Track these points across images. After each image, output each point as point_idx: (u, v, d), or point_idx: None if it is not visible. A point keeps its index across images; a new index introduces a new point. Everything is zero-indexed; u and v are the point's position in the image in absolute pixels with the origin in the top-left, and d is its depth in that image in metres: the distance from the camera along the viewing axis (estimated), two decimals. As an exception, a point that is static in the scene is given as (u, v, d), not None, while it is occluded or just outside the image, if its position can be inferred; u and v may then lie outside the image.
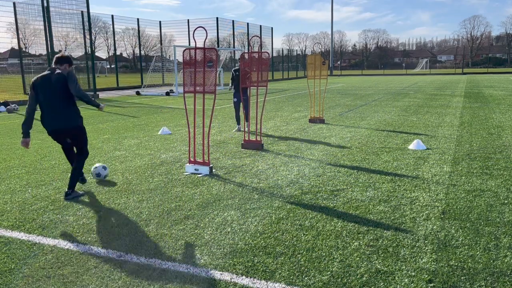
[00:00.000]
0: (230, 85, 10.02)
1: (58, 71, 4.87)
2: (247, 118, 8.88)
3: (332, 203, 4.63)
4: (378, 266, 3.20)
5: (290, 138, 8.71)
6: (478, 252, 3.41)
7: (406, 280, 3.01)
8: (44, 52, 20.20)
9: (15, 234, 3.91)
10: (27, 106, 4.93)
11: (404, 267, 3.19)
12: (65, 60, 4.94)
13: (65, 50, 28.62)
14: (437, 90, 23.15)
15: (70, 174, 5.00)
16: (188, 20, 34.13)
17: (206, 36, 5.88)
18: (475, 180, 5.45)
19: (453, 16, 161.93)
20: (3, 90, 22.11)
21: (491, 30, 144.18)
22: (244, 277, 3.08)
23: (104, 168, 5.64)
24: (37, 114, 5.05)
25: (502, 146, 7.57)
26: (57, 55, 4.98)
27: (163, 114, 13.54)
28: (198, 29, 6.01)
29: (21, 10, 21.14)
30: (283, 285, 2.97)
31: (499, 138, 8.30)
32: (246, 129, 9.07)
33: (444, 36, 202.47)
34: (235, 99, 9.81)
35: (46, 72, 4.94)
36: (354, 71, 71.52)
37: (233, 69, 9.89)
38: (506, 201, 4.62)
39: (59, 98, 4.81)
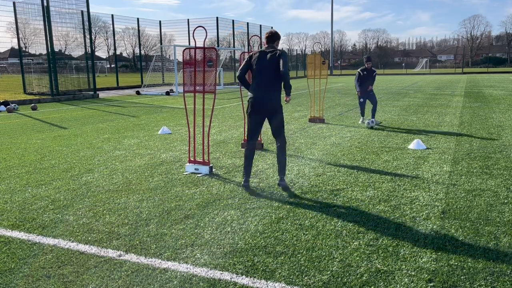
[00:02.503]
0: (357, 85, 10.40)
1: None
2: (373, 114, 10.26)
3: (332, 203, 4.63)
4: (378, 266, 3.20)
5: (290, 137, 8.71)
6: (478, 252, 3.42)
7: (406, 279, 3.01)
8: (44, 52, 20.18)
9: (15, 234, 3.92)
10: None
11: (404, 266, 3.19)
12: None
13: (65, 49, 28.63)
14: (437, 89, 23.15)
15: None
16: (188, 19, 34.14)
17: (206, 35, 5.88)
18: (475, 179, 5.45)
19: (453, 16, 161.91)
20: (3, 90, 22.12)
21: (491, 29, 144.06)
22: (244, 276, 3.08)
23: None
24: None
25: (502, 145, 7.57)
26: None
27: (163, 113, 13.54)
28: (198, 28, 6.01)
29: (21, 9, 21.13)
30: (283, 285, 2.97)
31: (499, 138, 8.30)
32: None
33: (444, 36, 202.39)
34: (362, 100, 10.46)
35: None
36: (354, 71, 71.43)
37: (360, 68, 10.27)
38: (506, 201, 4.62)
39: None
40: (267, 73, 5.09)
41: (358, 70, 10.35)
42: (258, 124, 5.22)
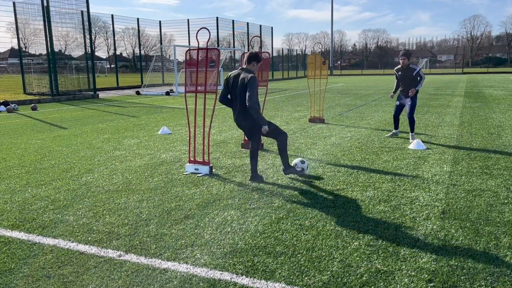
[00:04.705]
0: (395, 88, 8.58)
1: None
2: (411, 128, 8.15)
3: (332, 203, 4.63)
4: (378, 266, 3.20)
5: (290, 138, 8.71)
6: (478, 252, 3.41)
7: (406, 280, 3.01)
8: (44, 52, 20.18)
9: (15, 234, 3.91)
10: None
11: (404, 267, 3.19)
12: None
13: (65, 49, 28.62)
14: (437, 89, 23.15)
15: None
16: (188, 20, 34.15)
17: (209, 37, 5.89)
18: (475, 179, 5.45)
19: (453, 16, 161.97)
20: (3, 90, 22.12)
21: (491, 30, 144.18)
22: (244, 277, 3.08)
23: (303, 162, 5.73)
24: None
25: (502, 146, 7.57)
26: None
27: (163, 114, 13.54)
28: (201, 29, 6.01)
29: (21, 9, 21.13)
30: (283, 285, 2.97)
31: (499, 138, 8.30)
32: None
33: (444, 36, 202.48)
34: (398, 103, 8.49)
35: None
36: (354, 71, 71.50)
37: (395, 68, 8.51)
38: (506, 201, 4.62)
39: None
40: (241, 99, 5.27)
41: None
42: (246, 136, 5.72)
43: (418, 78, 8.04)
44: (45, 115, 13.60)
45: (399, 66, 8.25)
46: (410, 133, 8.23)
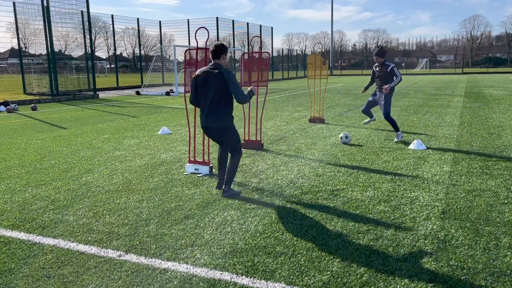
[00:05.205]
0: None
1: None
2: (394, 128, 8.13)
3: (332, 203, 4.63)
4: (378, 266, 3.20)
5: (290, 138, 8.71)
6: (478, 252, 3.41)
7: (406, 280, 3.01)
8: (44, 52, 20.18)
9: (15, 234, 3.91)
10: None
11: (404, 267, 3.19)
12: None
13: (65, 49, 28.63)
14: (437, 90, 23.15)
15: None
16: (188, 20, 34.14)
17: (208, 36, 5.88)
18: (475, 180, 5.45)
19: (453, 16, 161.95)
20: (3, 90, 22.12)
21: (491, 30, 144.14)
22: (244, 277, 3.08)
23: (347, 137, 5.63)
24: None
25: (502, 146, 7.57)
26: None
27: (163, 114, 13.54)
28: (200, 29, 6.01)
29: (21, 9, 21.12)
30: (283, 285, 2.97)
31: (499, 138, 8.30)
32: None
33: (444, 36, 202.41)
34: (371, 98, 8.62)
35: None
36: (354, 71, 71.48)
37: (374, 65, 8.46)
38: (506, 201, 4.62)
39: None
40: (216, 97, 4.73)
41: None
42: (218, 143, 5.13)
43: (394, 77, 8.06)
44: (45, 115, 13.61)
45: (376, 63, 8.34)
46: (395, 132, 8.29)
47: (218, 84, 4.69)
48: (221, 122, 4.78)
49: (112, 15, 29.14)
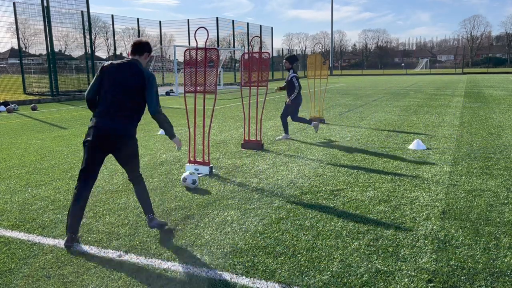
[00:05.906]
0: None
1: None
2: (283, 129, 8.46)
3: (332, 203, 4.63)
4: (378, 266, 3.20)
5: (290, 138, 8.70)
6: (478, 252, 3.41)
7: (406, 280, 3.01)
8: (44, 52, 20.18)
9: (15, 234, 3.91)
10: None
11: (404, 267, 3.19)
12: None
13: (65, 49, 28.62)
14: (437, 90, 23.15)
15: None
16: (188, 20, 34.14)
17: (208, 36, 5.88)
18: (475, 180, 5.45)
19: (453, 16, 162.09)
20: (3, 90, 22.11)
21: (491, 30, 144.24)
22: (244, 277, 3.08)
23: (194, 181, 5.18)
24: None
25: (502, 146, 7.57)
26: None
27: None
28: (199, 29, 6.01)
29: (21, 10, 21.11)
30: (283, 285, 2.97)
31: (499, 138, 8.30)
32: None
33: (444, 36, 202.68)
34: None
35: None
36: (354, 71, 71.48)
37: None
38: (506, 201, 4.62)
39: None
40: (119, 95, 3.69)
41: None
42: (96, 164, 3.79)
43: (293, 86, 8.21)
44: (45, 115, 13.61)
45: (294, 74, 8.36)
46: (283, 133, 8.60)
47: (132, 82, 3.70)
48: (123, 129, 3.70)
49: (112, 15, 29.17)
